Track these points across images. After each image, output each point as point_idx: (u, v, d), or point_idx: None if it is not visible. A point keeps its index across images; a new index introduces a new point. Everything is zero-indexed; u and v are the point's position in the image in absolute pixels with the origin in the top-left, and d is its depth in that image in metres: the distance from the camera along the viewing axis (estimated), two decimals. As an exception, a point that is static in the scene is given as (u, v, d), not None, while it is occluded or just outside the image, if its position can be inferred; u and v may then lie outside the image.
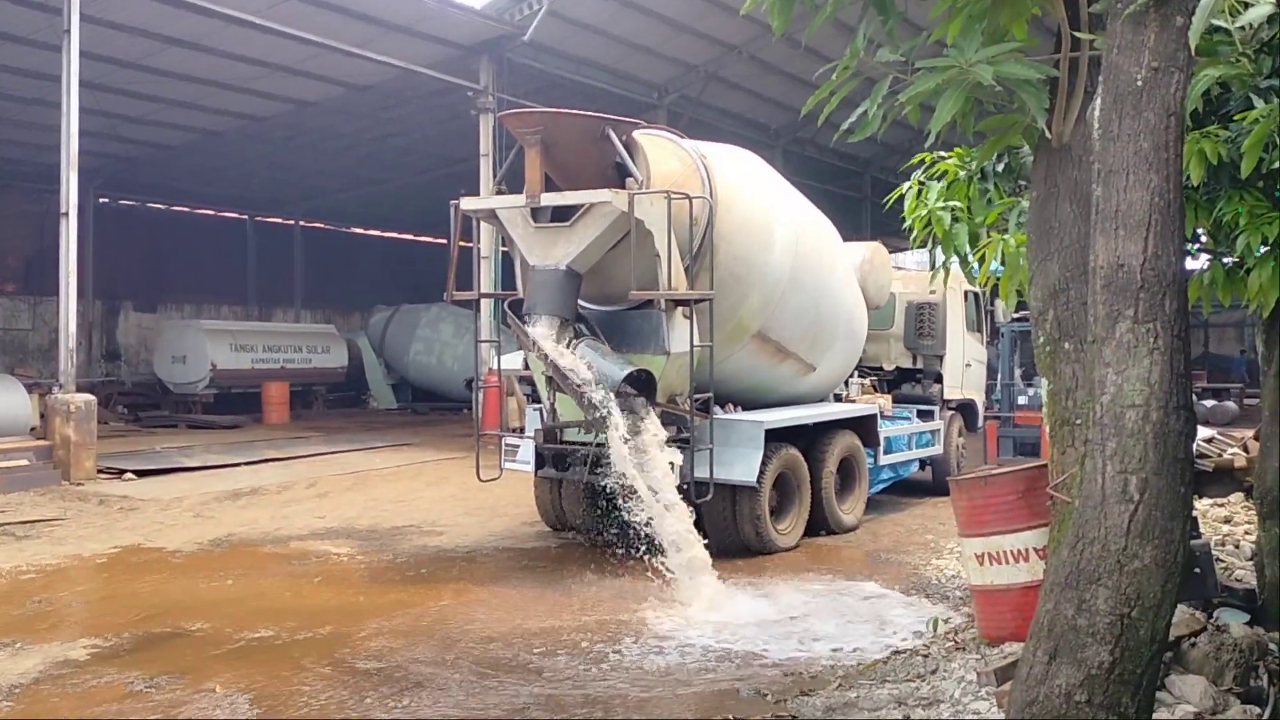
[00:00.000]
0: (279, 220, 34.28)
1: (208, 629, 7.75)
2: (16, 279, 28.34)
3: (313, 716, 5.97)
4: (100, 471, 15.03)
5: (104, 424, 18.11)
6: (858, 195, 33.15)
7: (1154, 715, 4.25)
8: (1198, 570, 5.77)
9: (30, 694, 6.36)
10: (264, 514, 12.76)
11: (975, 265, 6.26)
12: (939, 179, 6.28)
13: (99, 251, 27.62)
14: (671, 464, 8.92)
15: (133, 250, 29.97)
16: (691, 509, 9.11)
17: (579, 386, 8.71)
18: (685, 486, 9.20)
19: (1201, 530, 8.00)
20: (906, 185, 6.47)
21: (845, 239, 12.54)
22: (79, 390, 15.28)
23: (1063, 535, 4.12)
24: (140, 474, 15.26)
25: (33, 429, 16.37)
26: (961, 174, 6.18)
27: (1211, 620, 5.79)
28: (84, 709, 6.08)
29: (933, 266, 6.63)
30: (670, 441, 9.43)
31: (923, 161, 6.38)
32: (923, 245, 6.33)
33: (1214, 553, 6.70)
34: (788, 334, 10.82)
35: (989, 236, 6.10)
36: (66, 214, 14.86)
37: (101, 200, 28.96)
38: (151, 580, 9.43)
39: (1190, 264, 5.26)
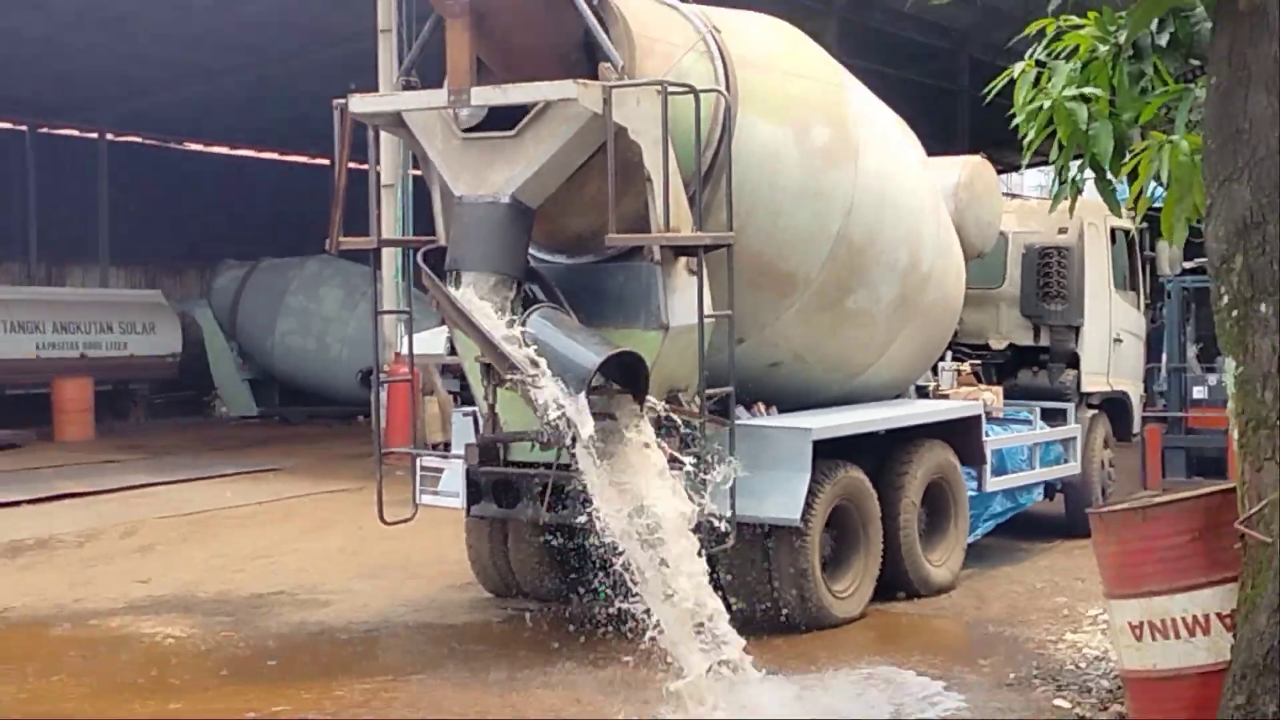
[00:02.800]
0: (74, 132, 34.11)
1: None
2: None
3: None
4: None
5: None
6: (950, 86, 33.13)
7: None
8: None
9: None
10: (59, 577, 12.75)
11: (1123, 185, 6.28)
12: (1068, 57, 6.29)
13: None
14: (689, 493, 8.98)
15: None
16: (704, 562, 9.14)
17: (531, 379, 8.73)
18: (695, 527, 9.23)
19: None
20: (1019, 65, 6.49)
21: (932, 152, 12.56)
22: None
23: (1260, 593, 4.15)
24: None
25: None
26: (1102, 49, 6.19)
27: None
28: None
29: (1060, 183, 6.64)
30: (672, 461, 9.45)
31: (1042, 32, 6.39)
32: (1042, 159, 6.35)
33: None
34: (843, 299, 10.85)
35: (1144, 138, 6.11)
36: None
37: None
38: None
39: None
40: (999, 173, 14.22)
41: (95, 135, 34.16)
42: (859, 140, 10.68)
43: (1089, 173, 6.29)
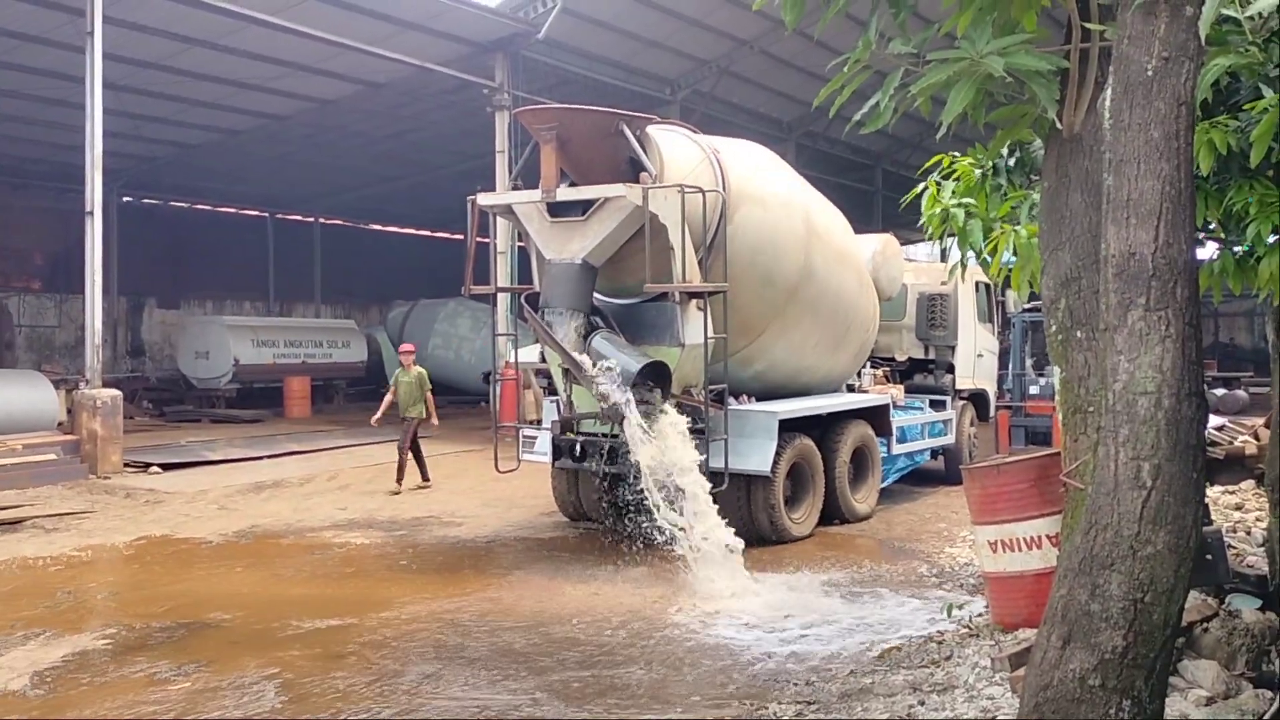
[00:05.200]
0: (299, 217, 34.33)
1: (233, 618, 7.80)
2: (42, 277, 28.52)
3: (337, 703, 6.00)
4: (126, 465, 15.11)
5: (129, 419, 18.17)
6: (869, 188, 33.01)
7: (1167, 699, 4.24)
8: (1210, 556, 5.76)
9: (60, 682, 6.41)
10: (286, 506, 12.81)
11: (988, 258, 6.24)
12: (954, 179, 6.26)
13: (123, 249, 27.72)
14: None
15: (156, 248, 30.08)
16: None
17: (595, 379, 8.72)
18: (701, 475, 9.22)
19: (1213, 517, 7.97)
20: (922, 186, 6.46)
21: (857, 231, 12.50)
22: (105, 386, 15.37)
23: (1076, 521, 4.11)
24: (165, 467, 15.34)
25: (60, 424, 16.52)
26: (977, 172, 6.17)
27: (1224, 606, 5.77)
28: (112, 697, 6.13)
29: (943, 258, 6.64)
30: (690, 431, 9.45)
31: (939, 163, 6.37)
32: (939, 238, 6.32)
33: (1226, 539, 6.67)
34: (800, 325, 10.80)
35: (1001, 229, 6.09)
36: (91, 213, 14.94)
37: (125, 199, 29.03)
38: (177, 571, 9.49)
39: (1201, 253, 5.24)
40: (902, 245, 14.13)
41: (311, 220, 34.35)
42: (808, 224, 10.64)
43: (970, 252, 6.28)
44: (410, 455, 13.89)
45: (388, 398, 14.15)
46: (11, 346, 26.86)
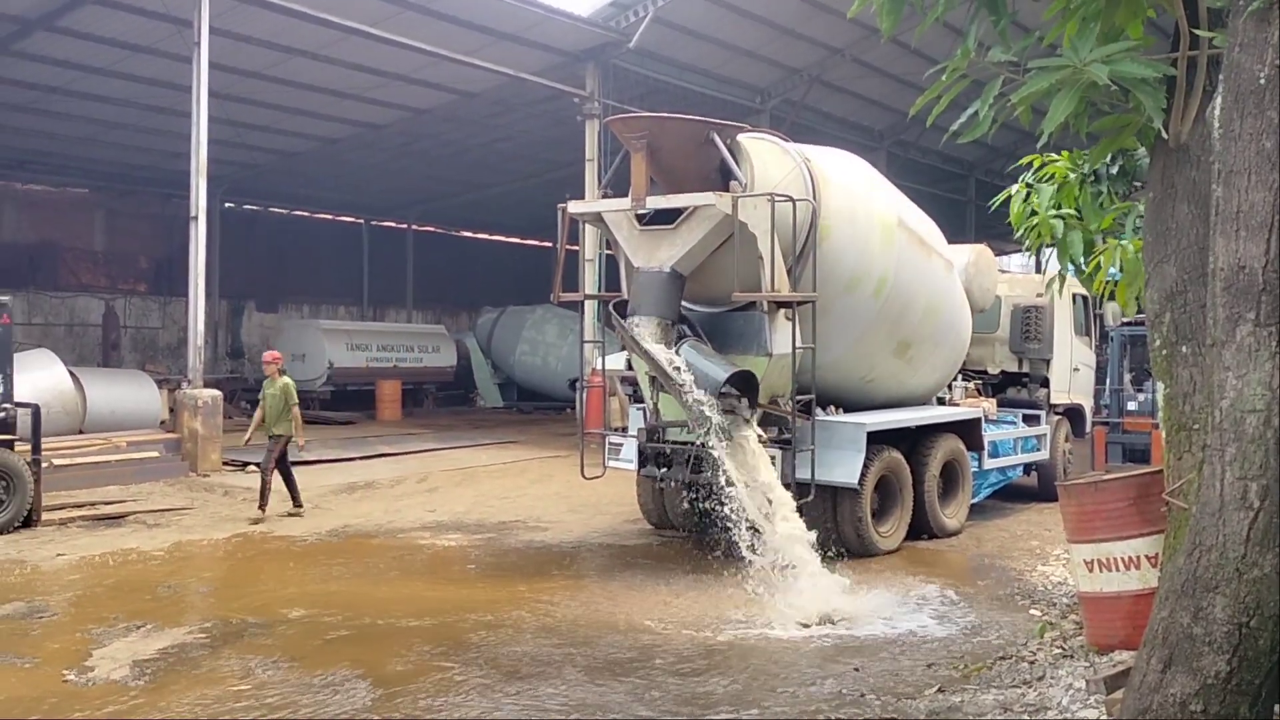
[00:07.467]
0: (393, 224, 34.98)
1: (325, 616, 7.97)
2: (147, 280, 29.52)
3: (427, 701, 6.10)
4: (225, 463, 15.55)
5: (228, 418, 18.66)
6: (962, 198, 32.49)
7: (1273, 729, 4.09)
8: (1320, 582, 5.55)
9: (160, 673, 6.62)
10: (378, 507, 13.05)
11: (1090, 273, 6.10)
12: (1048, 181, 6.13)
13: (224, 254, 28.51)
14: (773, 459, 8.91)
15: (256, 253, 30.92)
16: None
17: (681, 387, 8.73)
18: (786, 485, 9.17)
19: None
20: (1014, 187, 6.33)
21: (950, 242, 12.31)
22: (205, 386, 15.84)
23: (1179, 542, 4.00)
24: (261, 467, 15.73)
25: (162, 422, 17.09)
26: (1072, 176, 6.04)
27: (1335, 634, 5.55)
28: (208, 689, 6.32)
29: (1038, 269, 6.52)
30: (772, 442, 9.40)
31: (1030, 164, 6.24)
32: (1037, 250, 6.20)
33: (1337, 565, 6.41)
34: (890, 337, 10.67)
35: (1104, 242, 5.95)
36: (196, 218, 15.42)
37: (227, 205, 29.87)
38: (273, 568, 9.74)
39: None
40: (996, 256, 13.88)
41: (405, 226, 34.96)
42: (900, 234, 10.50)
43: (1069, 265, 6.16)
44: (280, 477, 12.29)
45: (258, 414, 12.41)
46: (117, 347, 27.83)
